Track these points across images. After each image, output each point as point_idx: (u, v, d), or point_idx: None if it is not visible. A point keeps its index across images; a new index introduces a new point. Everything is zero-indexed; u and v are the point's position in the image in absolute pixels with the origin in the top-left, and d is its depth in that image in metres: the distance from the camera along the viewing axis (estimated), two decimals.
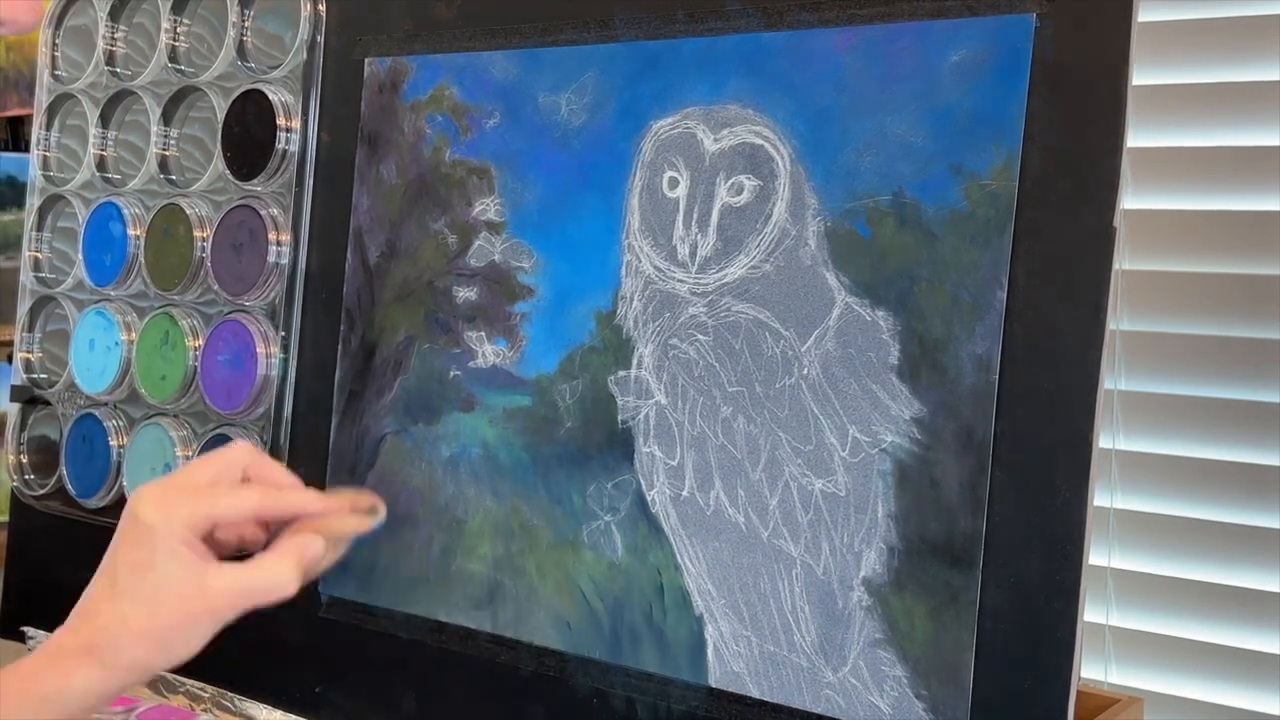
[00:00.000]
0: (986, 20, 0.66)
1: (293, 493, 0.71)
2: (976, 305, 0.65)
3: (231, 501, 0.68)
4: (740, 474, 0.71)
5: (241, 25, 0.95)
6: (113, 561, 0.67)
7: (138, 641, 0.65)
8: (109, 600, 0.66)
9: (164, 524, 0.66)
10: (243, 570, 0.67)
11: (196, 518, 0.67)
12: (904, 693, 0.65)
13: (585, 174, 0.78)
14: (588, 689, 0.76)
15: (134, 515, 0.67)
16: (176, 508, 0.67)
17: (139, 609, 0.65)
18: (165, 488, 0.69)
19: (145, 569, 0.66)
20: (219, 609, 0.66)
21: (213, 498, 0.68)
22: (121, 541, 0.67)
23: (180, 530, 0.66)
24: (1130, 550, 1.02)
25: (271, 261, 0.91)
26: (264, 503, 0.69)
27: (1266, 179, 0.96)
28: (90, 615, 0.67)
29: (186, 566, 0.66)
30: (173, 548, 0.66)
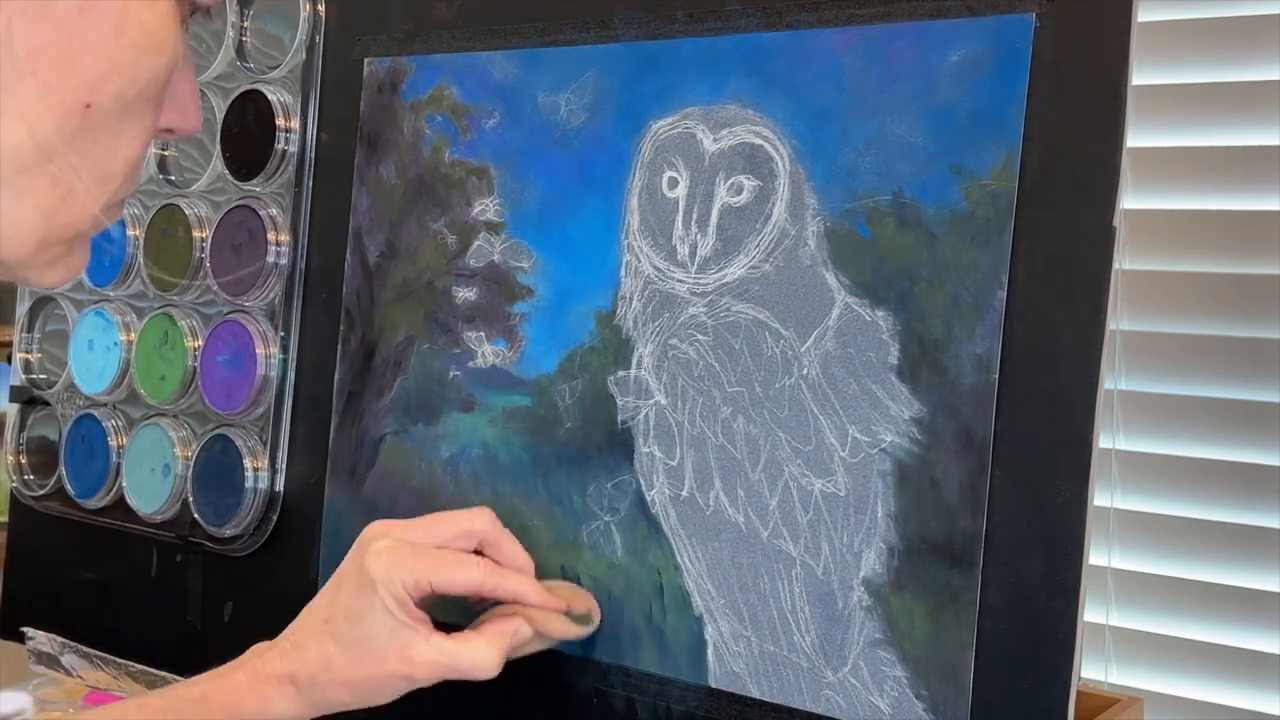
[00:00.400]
0: (986, 20, 0.66)
1: (515, 579, 0.72)
2: (976, 305, 0.64)
3: (453, 576, 0.70)
4: (740, 474, 0.71)
5: (241, 25, 0.95)
6: (332, 599, 0.70)
7: (336, 686, 0.69)
8: (318, 637, 0.69)
9: (385, 581, 0.68)
10: (449, 645, 0.69)
11: (420, 583, 0.69)
12: (904, 693, 0.65)
13: (585, 174, 0.78)
14: (588, 689, 0.76)
15: (361, 563, 0.69)
16: (400, 568, 0.68)
17: (344, 655, 0.68)
18: (396, 543, 0.70)
19: (359, 619, 0.68)
20: (416, 676, 0.69)
21: (438, 566, 0.69)
22: (343, 584, 0.70)
23: (399, 591, 0.68)
24: (1130, 550, 1.02)
25: (271, 262, 0.91)
26: (485, 584, 0.71)
27: (1266, 179, 0.96)
28: (300, 647, 0.70)
29: (397, 628, 0.68)
30: (389, 606, 0.68)
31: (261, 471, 0.91)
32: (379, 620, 0.68)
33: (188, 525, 0.95)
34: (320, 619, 0.70)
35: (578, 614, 0.73)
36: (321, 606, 0.71)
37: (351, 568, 0.70)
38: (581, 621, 0.73)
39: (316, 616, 0.70)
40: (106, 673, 1.00)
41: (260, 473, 0.91)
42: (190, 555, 0.96)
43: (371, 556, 0.69)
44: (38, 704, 1.11)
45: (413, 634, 0.68)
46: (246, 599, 0.93)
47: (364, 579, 0.69)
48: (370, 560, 0.69)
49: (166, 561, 0.98)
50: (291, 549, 0.90)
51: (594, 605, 0.74)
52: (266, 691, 0.69)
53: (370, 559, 0.69)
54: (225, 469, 0.92)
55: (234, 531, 0.92)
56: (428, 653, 0.68)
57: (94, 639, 1.01)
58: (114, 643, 1.00)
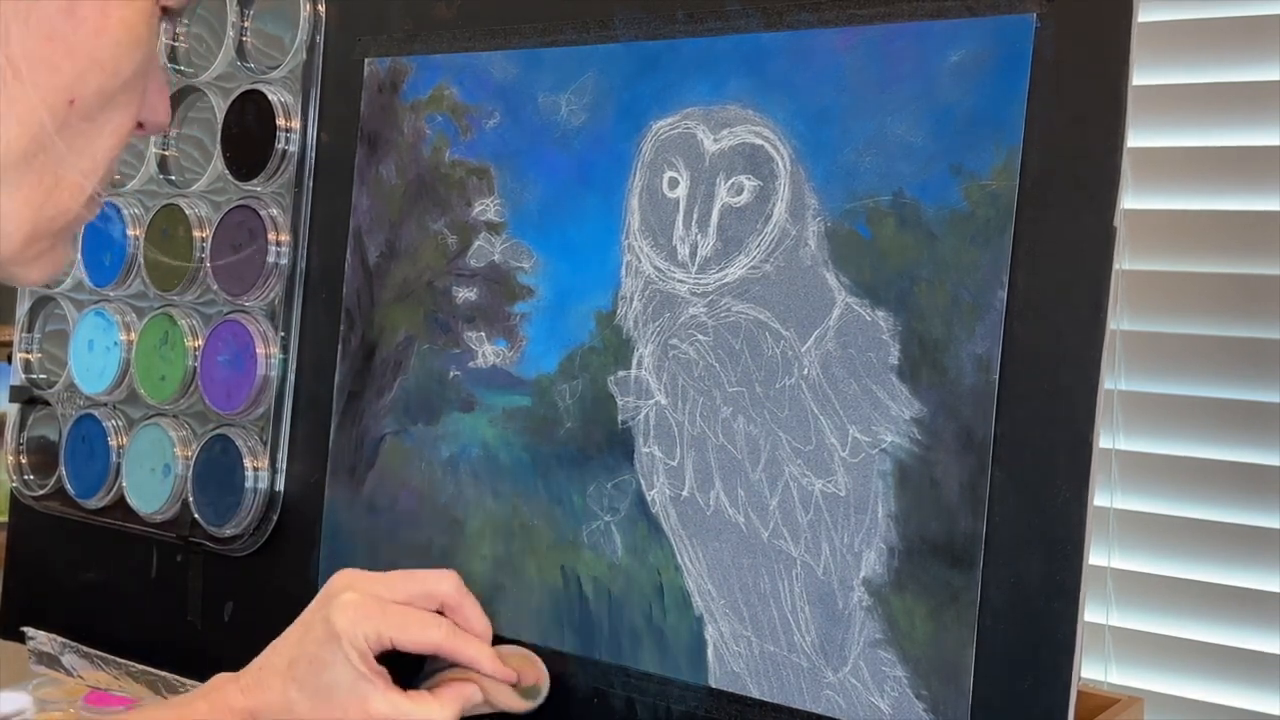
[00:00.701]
0: (986, 20, 0.66)
1: (474, 646, 0.74)
2: (976, 305, 0.64)
3: (415, 635, 0.72)
4: (740, 474, 0.71)
5: (241, 25, 0.95)
6: (298, 643, 0.73)
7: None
8: (281, 680, 0.72)
9: (349, 634, 0.71)
10: (405, 703, 0.71)
11: (382, 638, 0.71)
12: (904, 693, 0.65)
13: (585, 174, 0.78)
14: (588, 689, 0.76)
15: (327, 613, 0.72)
16: (365, 622, 0.71)
17: (305, 701, 0.71)
18: (363, 597, 0.72)
19: (322, 667, 0.71)
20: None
21: (400, 625, 0.72)
22: (309, 631, 0.72)
23: (361, 645, 0.71)
24: (1130, 550, 1.02)
25: (271, 261, 0.91)
26: (443, 646, 0.73)
27: (1266, 179, 0.96)
28: (263, 685, 0.72)
29: (358, 680, 0.71)
30: (350, 659, 0.71)
31: (261, 471, 0.91)
32: (341, 671, 0.71)
33: (188, 525, 0.95)
34: (285, 661, 0.72)
35: (526, 686, 0.76)
36: (286, 649, 0.73)
37: (317, 617, 0.72)
38: (528, 695, 0.76)
39: (281, 658, 0.73)
40: (106, 673, 1.00)
41: (260, 473, 0.91)
42: (190, 555, 0.96)
43: (338, 609, 0.72)
44: (38, 704, 1.11)
45: (371, 687, 0.71)
46: (246, 599, 0.93)
47: (329, 629, 0.71)
48: (336, 612, 0.71)
49: (166, 561, 0.98)
50: (291, 549, 0.90)
51: (543, 676, 0.76)
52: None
53: (336, 611, 0.71)
54: (225, 469, 0.92)
55: (234, 531, 0.92)
56: (384, 708, 0.71)
57: (94, 639, 1.01)
58: (114, 643, 1.00)
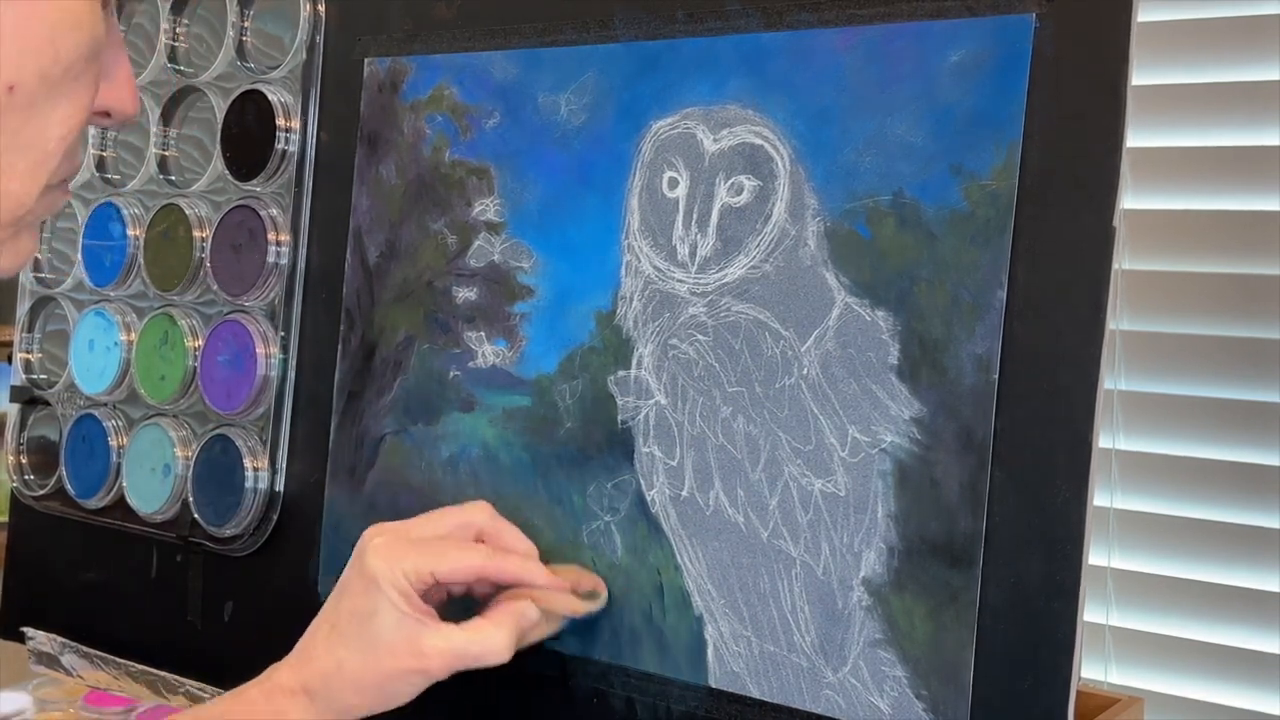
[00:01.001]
0: (986, 20, 0.66)
1: (518, 561, 0.72)
2: (976, 305, 0.64)
3: (455, 562, 0.69)
4: (740, 474, 0.71)
5: (241, 25, 0.95)
6: (336, 605, 0.70)
7: (350, 688, 0.68)
8: (327, 644, 0.69)
9: (388, 575, 0.68)
10: (458, 633, 0.68)
11: (421, 572, 0.68)
12: (904, 693, 0.65)
13: (585, 174, 0.78)
14: (588, 689, 0.76)
15: (361, 563, 0.69)
16: (401, 560, 0.68)
17: (355, 657, 0.68)
18: (394, 538, 0.70)
19: (366, 618, 0.68)
20: (430, 669, 0.68)
21: (438, 555, 0.69)
22: (346, 587, 0.70)
23: (402, 584, 0.68)
24: (1130, 550, 1.02)
25: (271, 262, 0.91)
26: (487, 566, 0.70)
27: (1266, 179, 0.96)
28: (309, 657, 0.69)
29: (404, 622, 0.67)
30: (394, 600, 0.67)
31: (261, 471, 0.91)
32: (385, 617, 0.67)
33: (188, 525, 0.95)
34: (327, 626, 0.70)
35: (584, 591, 0.73)
36: (327, 615, 0.70)
37: (353, 572, 0.70)
38: (588, 598, 0.73)
39: (324, 625, 0.70)
40: (106, 673, 1.00)
41: (260, 473, 0.91)
42: (190, 555, 0.96)
43: (371, 554, 0.69)
44: (38, 704, 1.11)
45: (420, 626, 0.67)
46: (246, 599, 0.93)
47: (366, 578, 0.68)
48: (370, 558, 0.69)
49: (166, 561, 0.98)
50: (291, 549, 0.90)
51: (600, 583, 0.74)
52: (281, 704, 0.69)
53: (370, 557, 0.69)
54: (225, 469, 0.92)
55: (234, 531, 0.92)
56: (438, 642, 0.67)
57: (94, 639, 1.01)
58: (114, 643, 1.00)
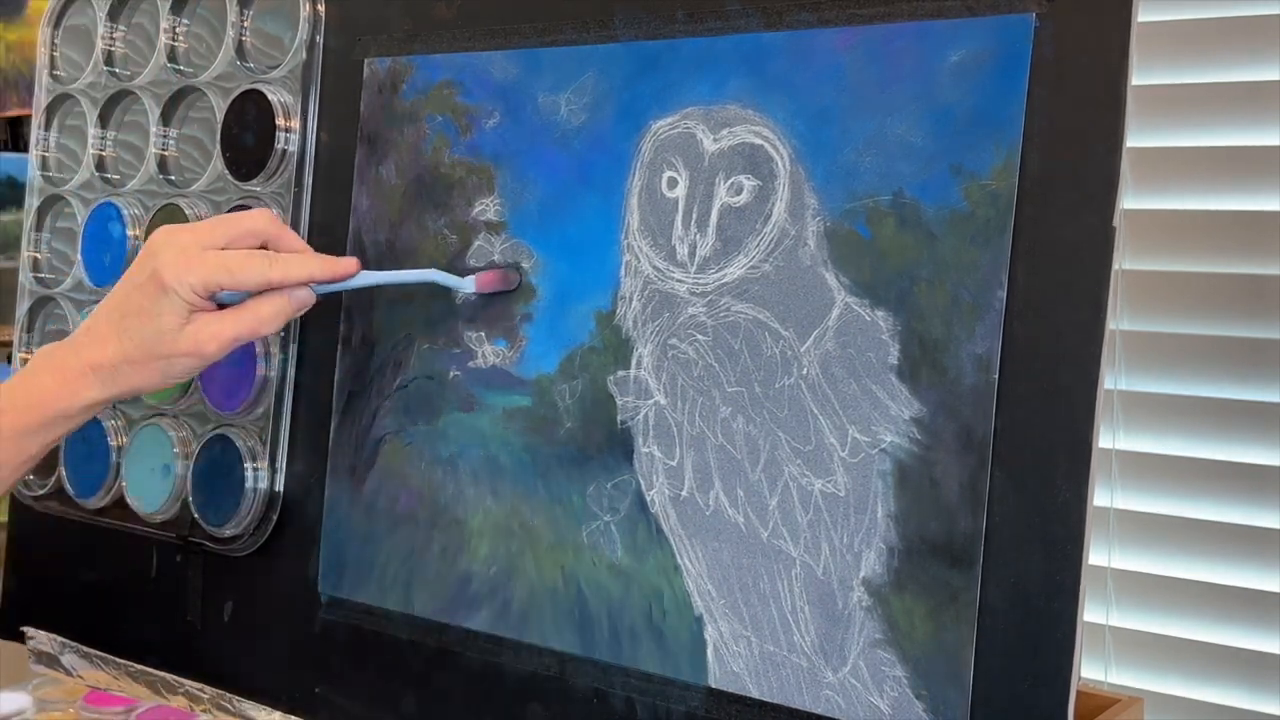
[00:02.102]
0: (986, 20, 0.66)
1: (299, 261, 0.77)
2: (976, 305, 0.64)
3: (241, 274, 0.75)
4: (740, 474, 0.71)
5: (241, 25, 0.95)
6: (125, 298, 0.76)
7: (136, 372, 0.77)
8: (115, 333, 0.76)
9: (177, 285, 0.74)
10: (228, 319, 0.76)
11: (209, 285, 0.75)
12: (904, 693, 0.65)
13: (585, 174, 0.78)
14: (588, 689, 0.76)
15: (152, 268, 0.75)
16: (189, 272, 0.74)
17: (139, 350, 0.76)
18: (185, 247, 0.75)
19: (150, 318, 0.75)
20: (207, 354, 0.76)
21: (226, 268, 0.75)
22: (135, 285, 0.76)
23: (189, 294, 0.74)
24: (1130, 550, 1.02)
25: None
26: (272, 274, 0.76)
27: (1266, 179, 0.96)
28: (99, 340, 0.77)
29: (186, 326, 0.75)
30: (178, 307, 0.75)
31: (261, 471, 0.91)
32: (170, 319, 0.75)
33: (188, 525, 0.95)
34: (117, 316, 0.76)
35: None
36: (116, 304, 0.77)
37: (143, 274, 0.76)
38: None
39: (113, 314, 0.77)
40: (106, 673, 1.00)
41: (260, 473, 0.91)
42: (190, 555, 0.96)
43: (162, 266, 0.75)
44: (38, 704, 1.11)
45: (199, 322, 0.75)
46: (246, 599, 0.93)
47: (156, 284, 0.75)
48: (161, 269, 0.75)
49: (166, 561, 0.98)
50: (291, 549, 0.90)
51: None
52: (74, 386, 0.77)
53: (161, 267, 0.75)
54: (225, 469, 0.92)
55: (234, 531, 0.92)
56: (213, 330, 0.75)
57: (94, 639, 1.01)
58: (114, 643, 1.00)
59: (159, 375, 0.77)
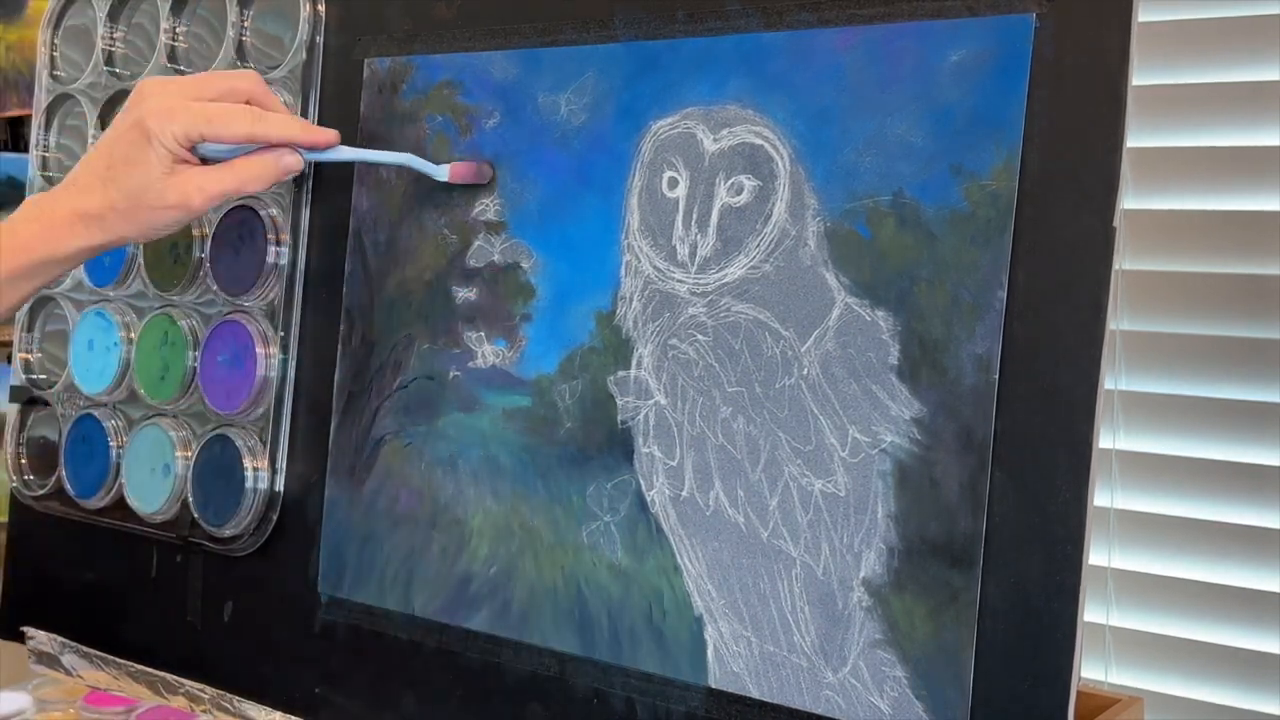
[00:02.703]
0: (986, 20, 0.66)
1: (280, 121, 0.79)
2: (976, 305, 0.64)
3: (223, 126, 0.76)
4: (740, 474, 0.71)
5: (241, 25, 0.95)
6: (111, 149, 0.77)
7: (123, 221, 0.77)
8: (101, 183, 0.77)
9: (160, 132, 0.75)
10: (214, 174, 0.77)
11: (190, 134, 0.76)
12: (904, 693, 0.65)
13: (585, 174, 0.78)
14: (588, 689, 0.76)
15: (137, 117, 0.76)
16: (173, 121, 0.76)
17: (126, 199, 0.77)
18: (171, 96, 0.77)
19: (135, 166, 0.76)
20: (193, 207, 0.77)
21: (208, 119, 0.76)
22: (122, 135, 0.77)
23: (171, 143, 0.76)
24: (1130, 550, 1.02)
25: (271, 262, 0.91)
26: (255, 130, 0.77)
27: (1266, 179, 0.96)
28: (85, 190, 0.78)
29: (170, 175, 0.76)
30: (161, 155, 0.76)
31: (261, 471, 0.91)
32: (155, 168, 0.76)
33: (188, 525, 0.95)
34: (102, 165, 0.77)
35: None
36: (101, 155, 0.78)
37: (128, 123, 0.77)
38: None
39: (99, 163, 0.78)
40: (106, 673, 1.00)
41: (260, 473, 0.91)
42: (190, 555, 0.96)
43: (147, 115, 0.76)
44: (38, 704, 1.11)
45: (184, 174, 0.76)
46: (246, 599, 0.93)
47: (140, 131, 0.76)
48: (145, 116, 0.76)
49: (166, 561, 0.98)
50: (291, 549, 0.90)
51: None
52: (60, 232, 0.78)
53: (146, 115, 0.76)
54: (225, 469, 0.92)
55: (234, 531, 0.92)
56: (199, 183, 0.76)
57: (94, 639, 1.01)
58: (114, 643, 1.00)
59: (145, 226, 0.78)
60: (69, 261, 0.80)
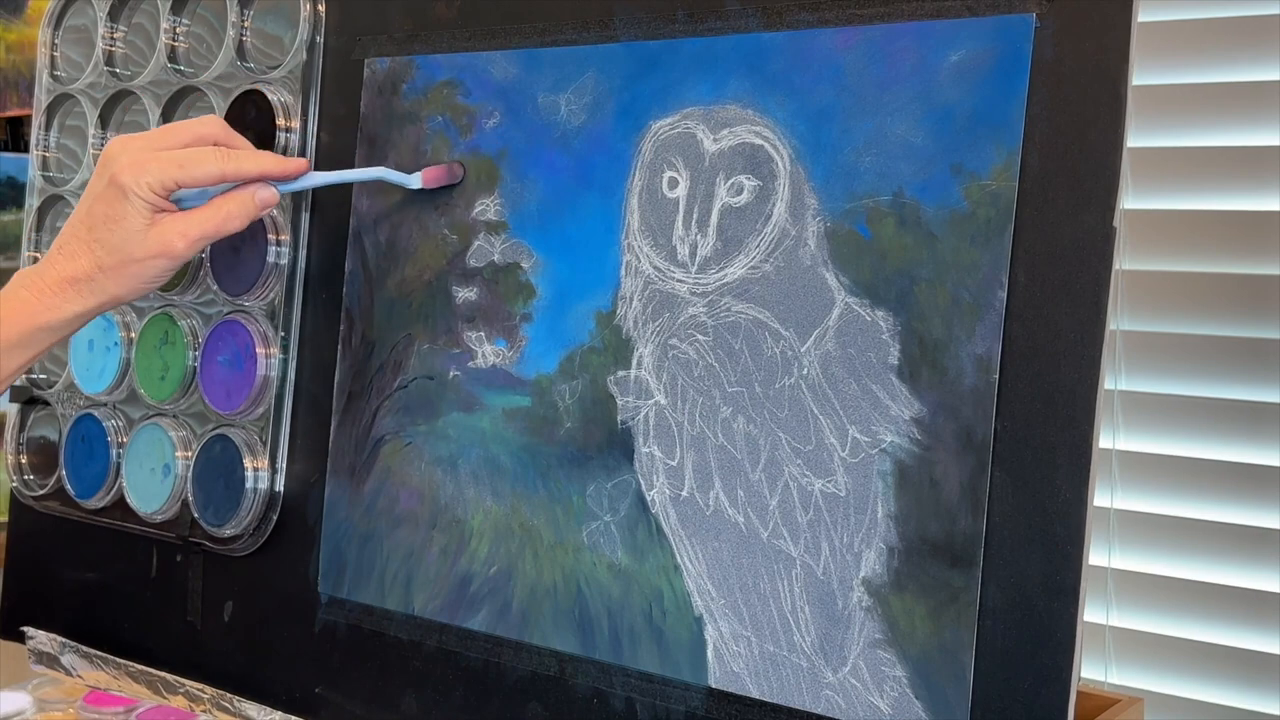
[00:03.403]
0: (986, 20, 0.66)
1: (251, 157, 0.81)
2: (976, 305, 0.64)
3: (195, 168, 0.78)
4: (740, 474, 0.71)
5: (241, 25, 0.95)
6: (89, 211, 0.78)
7: (112, 280, 0.78)
8: (86, 246, 0.78)
9: (134, 185, 0.77)
10: (195, 216, 0.78)
11: (165, 181, 0.77)
12: (904, 693, 0.65)
13: (585, 174, 0.78)
14: (588, 689, 0.76)
15: (110, 175, 0.77)
16: (146, 172, 0.77)
17: (112, 256, 0.78)
18: (139, 150, 0.78)
19: (116, 223, 0.77)
20: (177, 253, 0.78)
21: (180, 165, 0.78)
22: (97, 195, 0.78)
23: (147, 193, 0.77)
24: (1130, 550, 1.02)
25: (271, 262, 0.91)
26: (226, 169, 0.79)
27: (1266, 179, 0.96)
28: (71, 256, 0.79)
29: (152, 225, 0.77)
30: (139, 208, 0.77)
31: (261, 471, 0.91)
32: (134, 221, 0.77)
33: (188, 525, 0.95)
34: (84, 229, 0.78)
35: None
36: (82, 219, 0.79)
37: (101, 184, 0.78)
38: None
39: (80, 228, 0.79)
40: (106, 673, 1.00)
41: (260, 473, 0.91)
42: (190, 555, 0.96)
43: (119, 170, 0.77)
44: (38, 704, 1.11)
45: (164, 222, 0.78)
46: (246, 599, 0.93)
47: (115, 190, 0.77)
48: (118, 173, 0.77)
49: (166, 561, 0.98)
50: (291, 549, 0.90)
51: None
52: (52, 301, 0.79)
53: (118, 172, 0.77)
54: (225, 469, 0.92)
55: (234, 531, 0.92)
56: (180, 228, 0.78)
57: (94, 639, 1.01)
58: (114, 643, 1.00)
59: (135, 280, 0.79)
60: (63, 328, 0.80)
